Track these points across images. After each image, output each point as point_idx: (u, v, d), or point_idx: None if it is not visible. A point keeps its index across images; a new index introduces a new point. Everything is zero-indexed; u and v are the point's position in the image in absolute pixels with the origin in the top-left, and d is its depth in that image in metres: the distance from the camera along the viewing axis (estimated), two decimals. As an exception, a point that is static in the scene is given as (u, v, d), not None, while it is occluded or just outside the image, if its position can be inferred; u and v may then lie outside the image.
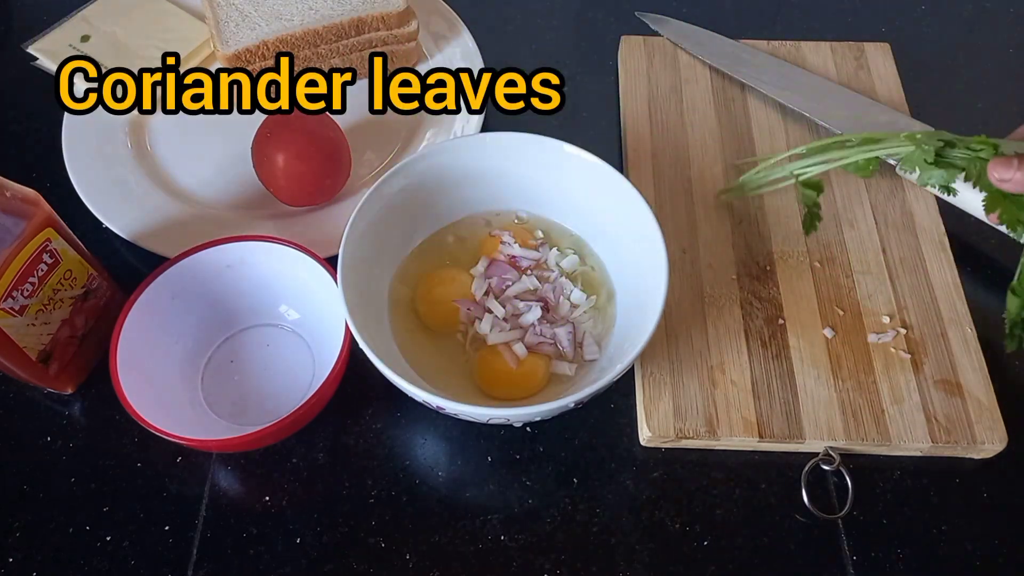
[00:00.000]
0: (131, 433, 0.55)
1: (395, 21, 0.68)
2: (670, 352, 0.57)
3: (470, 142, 0.58)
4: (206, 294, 0.56)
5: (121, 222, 0.62)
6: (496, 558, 0.52)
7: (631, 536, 0.52)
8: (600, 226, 0.58)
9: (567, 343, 0.55)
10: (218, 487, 0.54)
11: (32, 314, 0.51)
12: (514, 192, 0.60)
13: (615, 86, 0.73)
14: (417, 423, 0.57)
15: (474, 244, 0.60)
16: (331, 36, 0.67)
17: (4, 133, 0.71)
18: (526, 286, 0.57)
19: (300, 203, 0.63)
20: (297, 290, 0.57)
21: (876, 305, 0.59)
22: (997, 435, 0.54)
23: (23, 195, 0.49)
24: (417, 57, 0.73)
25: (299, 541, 0.52)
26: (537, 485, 0.54)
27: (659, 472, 0.55)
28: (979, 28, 0.80)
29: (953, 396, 0.55)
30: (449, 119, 0.69)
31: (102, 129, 0.67)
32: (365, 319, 0.51)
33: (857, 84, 0.71)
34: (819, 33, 0.77)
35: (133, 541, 0.52)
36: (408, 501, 0.54)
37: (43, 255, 0.50)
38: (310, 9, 0.68)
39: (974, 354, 0.57)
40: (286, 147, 0.60)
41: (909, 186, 0.65)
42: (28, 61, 0.71)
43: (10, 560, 0.51)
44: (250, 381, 0.57)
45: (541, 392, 0.54)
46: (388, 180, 0.55)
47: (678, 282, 0.60)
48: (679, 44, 0.70)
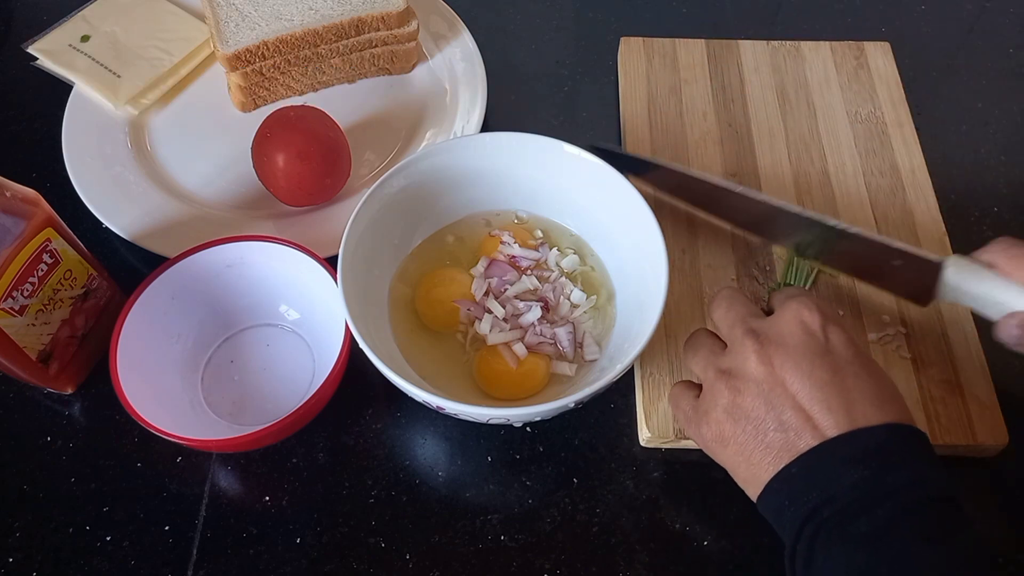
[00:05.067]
0: (131, 433, 0.55)
1: (395, 21, 0.68)
2: (670, 352, 0.57)
3: (470, 142, 0.58)
4: (206, 294, 0.56)
5: (121, 222, 0.62)
6: (496, 558, 0.52)
7: (631, 536, 0.52)
8: (600, 226, 0.58)
9: (567, 343, 0.55)
10: (218, 487, 0.54)
11: (32, 314, 0.51)
12: (514, 192, 0.60)
13: (615, 86, 0.73)
14: (417, 423, 0.57)
15: (474, 244, 0.60)
16: (331, 36, 0.67)
17: (4, 133, 0.71)
18: (526, 286, 0.57)
19: (300, 203, 0.63)
20: (297, 290, 0.57)
21: (876, 304, 0.59)
22: (997, 434, 0.54)
23: (23, 195, 0.49)
24: (417, 57, 0.73)
25: (299, 541, 0.52)
26: (537, 485, 0.54)
27: (659, 472, 0.55)
28: (979, 28, 0.80)
29: (953, 395, 0.55)
30: (449, 119, 0.69)
31: (102, 129, 0.67)
32: (365, 319, 0.51)
33: (857, 84, 0.71)
34: (819, 33, 0.77)
35: (133, 541, 0.52)
36: (408, 501, 0.54)
37: (43, 255, 0.50)
38: (310, 9, 0.68)
39: (974, 353, 0.57)
40: (286, 147, 0.60)
41: (909, 186, 0.65)
42: (28, 61, 0.71)
43: (10, 560, 0.51)
44: (250, 381, 0.57)
45: (541, 392, 0.54)
46: (388, 180, 0.55)
47: (678, 282, 0.60)
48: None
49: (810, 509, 0.41)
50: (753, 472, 0.44)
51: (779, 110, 0.70)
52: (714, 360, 0.47)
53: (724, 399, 0.45)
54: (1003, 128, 0.72)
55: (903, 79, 0.72)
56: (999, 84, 0.75)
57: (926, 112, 0.72)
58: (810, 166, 0.66)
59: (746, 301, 0.48)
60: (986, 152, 0.70)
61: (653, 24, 0.78)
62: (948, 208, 0.64)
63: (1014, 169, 0.69)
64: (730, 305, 0.48)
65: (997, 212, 0.67)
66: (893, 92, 0.71)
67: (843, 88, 0.71)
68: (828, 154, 0.67)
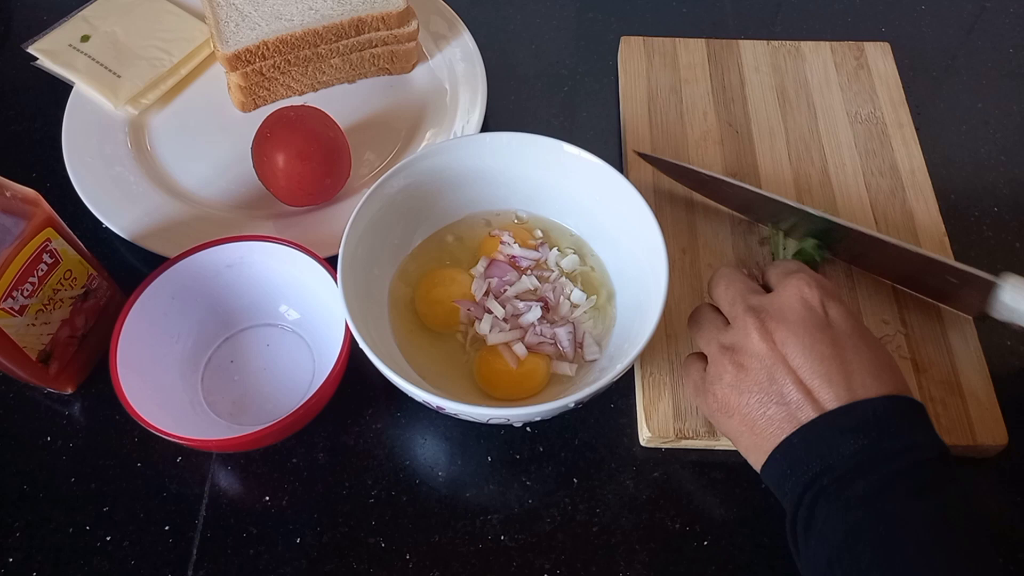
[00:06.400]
0: (131, 433, 0.55)
1: (395, 21, 0.68)
2: (670, 352, 0.57)
3: (470, 142, 0.58)
4: (206, 294, 0.56)
5: (121, 222, 0.62)
6: (496, 558, 0.52)
7: (631, 536, 0.52)
8: (600, 226, 0.58)
9: (567, 343, 0.55)
10: (218, 487, 0.54)
11: (32, 314, 0.51)
12: (514, 192, 0.60)
13: (615, 86, 0.73)
14: (417, 423, 0.57)
15: (474, 244, 0.60)
16: (331, 36, 0.67)
17: (4, 133, 0.71)
18: (526, 286, 0.57)
19: (300, 203, 0.63)
20: (297, 290, 0.57)
21: (876, 305, 0.59)
22: (997, 434, 0.54)
23: (23, 195, 0.49)
24: (417, 57, 0.73)
25: (299, 541, 0.52)
26: (537, 485, 0.54)
27: (659, 472, 0.55)
28: (979, 28, 0.80)
29: (953, 396, 0.55)
30: (449, 119, 0.69)
31: (102, 129, 0.67)
32: (365, 319, 0.51)
33: (857, 84, 0.71)
34: (819, 33, 0.77)
35: (133, 541, 0.52)
36: (408, 501, 0.54)
37: (43, 255, 0.50)
38: (310, 9, 0.68)
39: (974, 354, 0.57)
40: (286, 147, 0.60)
41: (909, 186, 0.65)
42: (28, 61, 0.71)
43: (10, 560, 0.51)
44: (250, 381, 0.57)
45: (541, 392, 0.54)
46: (388, 180, 0.55)
47: (678, 282, 0.60)
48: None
49: (811, 477, 0.42)
50: (756, 442, 0.46)
51: (779, 110, 0.70)
52: (717, 336, 0.48)
53: (728, 374, 0.47)
54: (1003, 128, 0.72)
55: (903, 79, 0.72)
56: (999, 84, 0.75)
57: (926, 112, 0.72)
58: (810, 166, 0.66)
59: (744, 278, 0.50)
60: (986, 152, 0.70)
61: (653, 24, 0.78)
62: (948, 208, 0.64)
63: (1014, 169, 0.69)
64: (729, 282, 0.50)
65: (997, 212, 0.67)
66: (893, 92, 0.71)
67: (843, 88, 0.71)
68: (828, 154, 0.67)
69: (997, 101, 0.74)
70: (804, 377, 0.44)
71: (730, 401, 0.46)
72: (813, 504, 0.42)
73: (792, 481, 0.43)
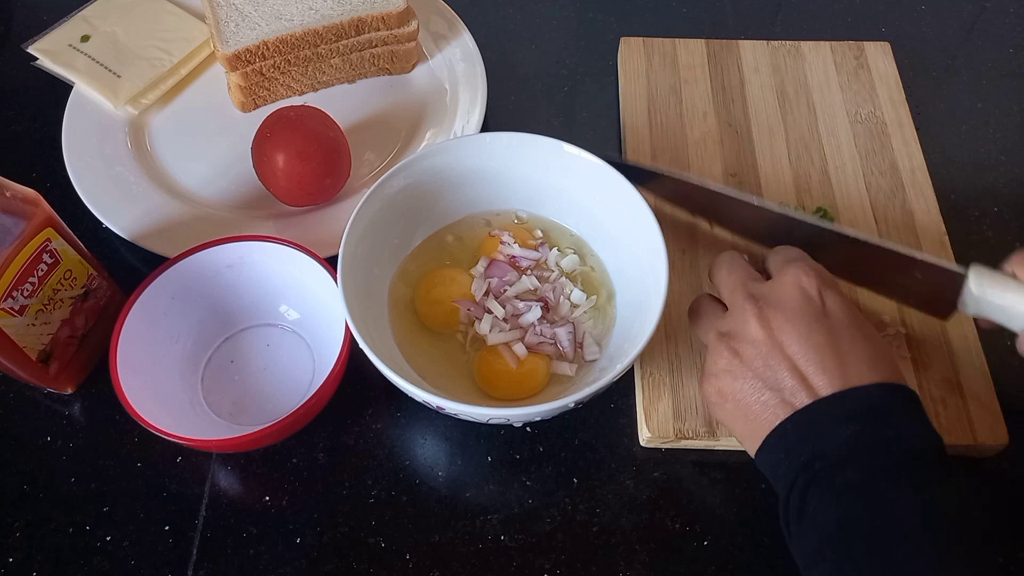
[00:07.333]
0: (131, 433, 0.55)
1: (395, 21, 0.68)
2: (670, 352, 0.57)
3: (470, 142, 0.58)
4: (206, 294, 0.56)
5: (121, 222, 0.62)
6: (496, 558, 0.52)
7: (631, 536, 0.52)
8: (600, 226, 0.58)
9: (567, 343, 0.55)
10: (218, 487, 0.54)
11: (32, 314, 0.51)
12: (514, 192, 0.60)
13: (615, 86, 0.73)
14: (417, 423, 0.57)
15: (474, 244, 0.60)
16: (331, 36, 0.67)
17: (4, 133, 0.71)
18: (526, 286, 0.57)
19: (300, 203, 0.63)
20: (297, 290, 0.57)
21: (876, 304, 0.59)
22: (997, 434, 0.54)
23: (23, 195, 0.49)
24: (417, 57, 0.73)
25: (299, 541, 0.52)
26: (537, 485, 0.54)
27: (659, 472, 0.55)
28: (979, 28, 0.80)
29: (953, 396, 0.55)
30: (449, 119, 0.69)
31: (102, 129, 0.67)
32: (365, 319, 0.51)
33: (857, 84, 0.71)
34: (819, 33, 0.77)
35: (133, 541, 0.52)
36: (408, 501, 0.54)
37: (43, 255, 0.50)
38: (310, 9, 0.68)
39: (974, 353, 0.57)
40: (286, 147, 0.60)
41: (909, 186, 0.65)
42: (28, 61, 0.71)
43: (10, 560, 0.51)
44: (250, 381, 0.57)
45: (541, 392, 0.54)
46: (388, 180, 0.55)
47: (678, 282, 0.60)
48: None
49: (803, 462, 0.43)
50: (751, 428, 0.46)
51: (779, 110, 0.70)
52: (716, 323, 0.49)
53: (724, 359, 0.47)
54: (1003, 128, 0.72)
55: (903, 79, 0.72)
56: (999, 84, 0.75)
57: (926, 112, 0.72)
58: (810, 166, 0.66)
59: (745, 265, 0.50)
60: (986, 152, 0.70)
61: (653, 24, 0.78)
62: (948, 208, 0.64)
63: (1014, 169, 0.69)
64: (731, 269, 0.50)
65: (997, 212, 0.67)
66: (893, 92, 0.71)
67: (843, 88, 0.71)
68: (828, 154, 0.67)
69: (997, 101, 0.74)
70: (799, 364, 0.44)
71: (725, 387, 0.47)
72: (805, 489, 0.42)
73: (786, 467, 0.44)
